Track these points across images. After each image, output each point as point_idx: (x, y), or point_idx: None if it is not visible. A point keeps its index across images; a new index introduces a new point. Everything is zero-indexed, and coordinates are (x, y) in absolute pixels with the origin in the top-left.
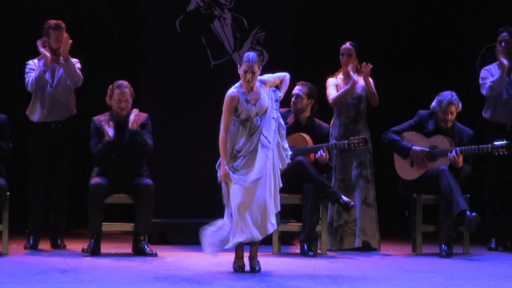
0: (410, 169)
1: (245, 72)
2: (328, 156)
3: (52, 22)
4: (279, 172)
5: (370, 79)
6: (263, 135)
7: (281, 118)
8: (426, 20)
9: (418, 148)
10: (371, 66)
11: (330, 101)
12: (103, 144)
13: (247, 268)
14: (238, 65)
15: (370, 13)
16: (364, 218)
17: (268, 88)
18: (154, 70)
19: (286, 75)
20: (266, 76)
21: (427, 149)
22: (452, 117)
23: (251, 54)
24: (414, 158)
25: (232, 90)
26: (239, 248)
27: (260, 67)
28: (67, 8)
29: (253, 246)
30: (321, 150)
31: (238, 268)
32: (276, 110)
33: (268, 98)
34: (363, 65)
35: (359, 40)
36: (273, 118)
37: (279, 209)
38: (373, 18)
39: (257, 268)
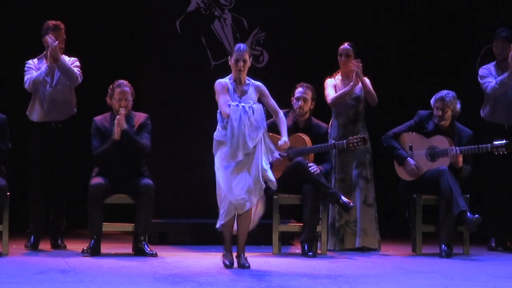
0: None
1: (237, 61)
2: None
3: (51, 22)
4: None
5: (367, 79)
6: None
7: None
8: (426, 20)
9: (412, 162)
10: (361, 64)
11: (329, 101)
12: (110, 143)
13: (235, 264)
14: (229, 57)
15: (369, 13)
16: (364, 218)
17: (257, 94)
18: (154, 70)
19: (280, 112)
20: (266, 90)
21: (419, 168)
22: (443, 114)
23: (242, 45)
24: (407, 169)
25: (221, 79)
26: (226, 243)
27: (251, 58)
28: (67, 8)
29: (239, 243)
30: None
31: (228, 263)
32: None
33: (255, 97)
34: (351, 62)
35: (359, 40)
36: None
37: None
38: (373, 19)
39: (246, 265)
